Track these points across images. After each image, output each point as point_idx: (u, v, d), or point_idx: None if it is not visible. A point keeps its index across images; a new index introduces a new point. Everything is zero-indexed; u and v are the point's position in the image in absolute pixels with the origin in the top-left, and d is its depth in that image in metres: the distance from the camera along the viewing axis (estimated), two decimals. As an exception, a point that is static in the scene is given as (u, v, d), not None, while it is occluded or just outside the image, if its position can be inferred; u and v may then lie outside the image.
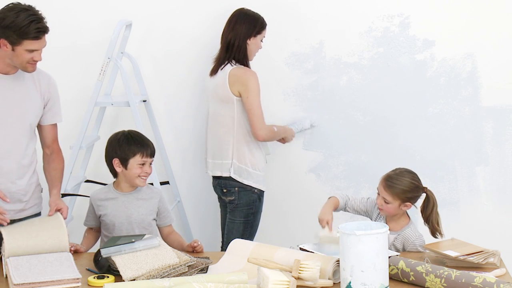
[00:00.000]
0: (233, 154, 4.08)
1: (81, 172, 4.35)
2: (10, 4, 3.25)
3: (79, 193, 4.24)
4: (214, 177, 4.21)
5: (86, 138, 4.22)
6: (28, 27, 3.17)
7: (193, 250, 3.38)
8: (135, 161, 3.43)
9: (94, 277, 2.98)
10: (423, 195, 3.49)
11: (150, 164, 3.48)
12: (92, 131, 4.34)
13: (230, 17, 4.14)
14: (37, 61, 3.28)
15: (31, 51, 3.22)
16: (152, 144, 3.50)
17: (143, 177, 3.46)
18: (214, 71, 4.13)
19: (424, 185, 4.37)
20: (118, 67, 4.18)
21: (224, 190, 4.16)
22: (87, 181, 4.30)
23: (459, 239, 3.30)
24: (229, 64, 4.08)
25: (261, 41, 4.15)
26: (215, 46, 4.33)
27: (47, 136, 3.51)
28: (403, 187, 3.41)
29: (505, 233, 4.39)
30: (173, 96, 4.49)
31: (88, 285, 2.95)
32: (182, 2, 4.41)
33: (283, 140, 4.31)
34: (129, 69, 4.30)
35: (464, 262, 3.06)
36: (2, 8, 3.24)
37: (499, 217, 4.45)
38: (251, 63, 4.15)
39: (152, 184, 4.13)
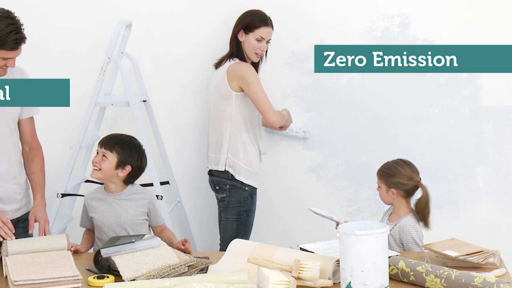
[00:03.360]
0: (228, 148, 4.09)
1: (81, 172, 4.35)
2: None
3: (79, 193, 4.24)
4: (209, 174, 4.22)
5: (86, 138, 4.22)
6: (6, 37, 3.13)
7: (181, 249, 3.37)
8: (97, 149, 3.50)
9: (94, 277, 2.98)
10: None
11: (103, 155, 3.45)
12: (92, 131, 4.34)
13: None
14: (8, 67, 3.25)
15: (6, 58, 3.20)
16: (118, 139, 3.47)
17: (94, 166, 3.48)
18: (218, 65, 4.17)
19: (424, 184, 4.38)
20: (118, 67, 4.18)
21: (217, 187, 4.17)
22: (87, 181, 4.30)
23: (459, 239, 3.30)
24: (228, 61, 4.10)
25: (259, 41, 4.11)
26: (215, 46, 4.34)
27: (26, 131, 3.48)
28: (383, 166, 3.58)
29: (505, 233, 4.40)
30: (173, 96, 4.49)
31: (88, 285, 2.95)
32: (182, 2, 4.41)
33: (283, 128, 4.30)
34: (129, 69, 4.30)
35: (464, 262, 3.06)
36: None
37: (499, 217, 4.45)
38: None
39: (152, 184, 4.13)
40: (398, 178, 3.54)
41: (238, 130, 4.10)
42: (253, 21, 4.11)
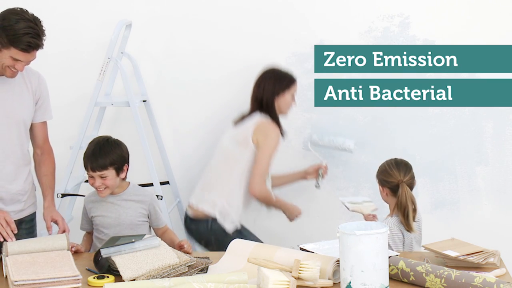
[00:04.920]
0: (225, 195, 3.99)
1: (81, 172, 4.34)
2: (19, 8, 3.21)
3: (79, 193, 4.24)
4: (186, 221, 4.13)
5: (86, 138, 4.21)
6: (21, 37, 3.13)
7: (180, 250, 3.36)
8: (88, 174, 3.45)
9: (94, 277, 2.98)
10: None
11: (102, 177, 3.41)
12: (92, 131, 4.34)
13: (258, 76, 4.13)
14: (17, 71, 3.25)
15: (16, 59, 3.20)
16: (106, 157, 3.40)
17: (98, 189, 3.46)
18: (238, 121, 4.11)
19: (423, 184, 4.39)
20: (118, 67, 4.18)
21: (201, 241, 4.06)
22: (87, 181, 4.30)
23: (459, 239, 3.30)
24: (259, 113, 4.07)
25: (293, 97, 4.12)
26: (215, 45, 4.34)
27: (38, 135, 3.49)
28: (379, 167, 3.61)
29: (505, 233, 4.39)
30: (173, 96, 4.49)
31: (88, 285, 2.95)
32: (182, 2, 4.41)
33: (289, 218, 4.23)
34: (129, 69, 4.30)
35: (464, 262, 3.07)
36: (10, 8, 3.21)
37: (499, 217, 4.45)
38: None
39: (152, 184, 4.13)
40: (382, 175, 3.59)
41: (241, 182, 4.01)
42: (290, 80, 4.12)
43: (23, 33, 3.14)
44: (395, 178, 3.52)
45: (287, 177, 4.36)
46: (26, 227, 3.47)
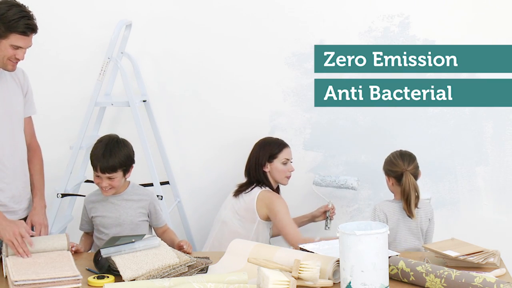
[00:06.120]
0: None
1: (81, 172, 4.34)
2: None
3: (79, 193, 4.24)
4: None
5: (86, 138, 4.22)
6: (18, 21, 3.15)
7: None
8: (95, 173, 3.46)
9: (94, 277, 2.98)
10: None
11: (109, 178, 3.43)
12: (92, 131, 4.34)
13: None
14: (18, 60, 3.25)
15: (16, 47, 3.19)
16: (116, 159, 3.42)
17: (103, 189, 3.46)
18: (237, 193, 4.09)
19: (423, 184, 4.40)
20: (118, 67, 4.18)
21: None
22: (87, 181, 4.30)
23: (459, 239, 3.30)
24: (257, 187, 4.06)
25: (285, 164, 4.10)
26: (215, 45, 4.34)
27: (26, 131, 3.46)
28: (385, 159, 3.77)
29: (505, 233, 4.39)
30: (173, 96, 4.49)
31: (88, 285, 2.96)
32: (182, 1, 4.40)
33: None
34: (129, 69, 4.30)
35: (464, 262, 3.07)
36: None
37: (499, 217, 4.44)
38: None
39: (152, 184, 4.13)
40: (388, 165, 3.74)
41: None
42: (273, 148, 4.10)
43: (18, 17, 3.16)
44: (400, 167, 3.67)
45: (296, 222, 4.32)
46: None
